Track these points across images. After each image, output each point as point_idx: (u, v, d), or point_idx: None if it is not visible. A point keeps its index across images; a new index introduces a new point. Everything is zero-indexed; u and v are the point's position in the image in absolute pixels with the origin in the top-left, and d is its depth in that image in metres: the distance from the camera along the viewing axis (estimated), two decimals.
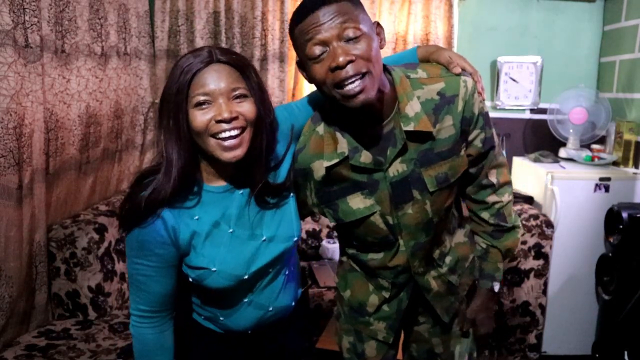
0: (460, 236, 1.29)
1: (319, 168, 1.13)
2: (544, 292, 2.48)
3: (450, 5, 2.85)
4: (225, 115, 0.99)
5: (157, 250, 1.04)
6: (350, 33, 0.96)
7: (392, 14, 2.87)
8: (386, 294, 1.27)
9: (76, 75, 2.17)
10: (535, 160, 2.77)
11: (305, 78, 1.07)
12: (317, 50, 0.97)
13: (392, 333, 1.31)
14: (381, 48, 1.03)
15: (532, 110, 3.03)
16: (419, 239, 1.19)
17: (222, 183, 1.10)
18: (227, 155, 1.01)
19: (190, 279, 1.10)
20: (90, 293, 2.08)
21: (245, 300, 1.14)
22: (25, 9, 1.79)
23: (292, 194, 1.18)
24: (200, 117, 1.00)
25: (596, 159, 2.67)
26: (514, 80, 2.96)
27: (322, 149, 1.12)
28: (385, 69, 1.09)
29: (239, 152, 1.02)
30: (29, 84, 1.83)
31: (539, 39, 2.98)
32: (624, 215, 2.24)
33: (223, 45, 2.78)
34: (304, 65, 1.04)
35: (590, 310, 2.54)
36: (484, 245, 1.30)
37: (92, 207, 2.34)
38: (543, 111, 2.97)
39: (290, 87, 2.90)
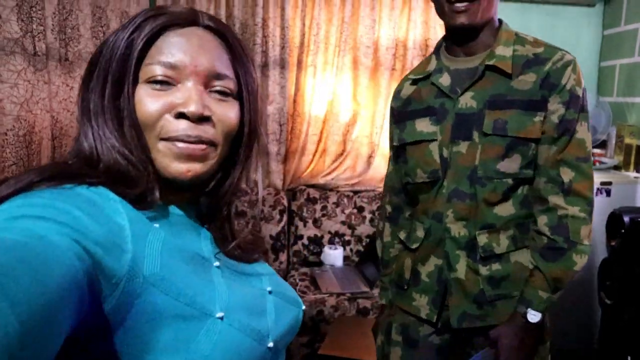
0: (524, 257, 1.16)
1: (407, 88, 1.29)
2: None
3: None
4: (193, 108, 0.58)
5: (106, 219, 0.51)
6: None
7: (392, 20, 2.88)
8: (415, 244, 1.25)
9: (79, 83, 2.18)
10: None
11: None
12: None
13: (435, 310, 1.20)
14: None
15: None
16: (460, 184, 1.17)
17: (179, 210, 0.64)
18: (178, 168, 0.59)
19: None
20: None
21: None
22: (32, 17, 1.81)
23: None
24: (150, 101, 0.59)
25: (597, 163, 2.68)
26: None
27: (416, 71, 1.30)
28: (500, 22, 1.21)
29: (197, 167, 0.60)
30: (38, 91, 1.85)
31: None
32: (626, 219, 2.25)
33: None
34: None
35: (593, 315, 2.54)
36: (531, 266, 1.14)
37: None
38: None
39: (291, 93, 2.91)
